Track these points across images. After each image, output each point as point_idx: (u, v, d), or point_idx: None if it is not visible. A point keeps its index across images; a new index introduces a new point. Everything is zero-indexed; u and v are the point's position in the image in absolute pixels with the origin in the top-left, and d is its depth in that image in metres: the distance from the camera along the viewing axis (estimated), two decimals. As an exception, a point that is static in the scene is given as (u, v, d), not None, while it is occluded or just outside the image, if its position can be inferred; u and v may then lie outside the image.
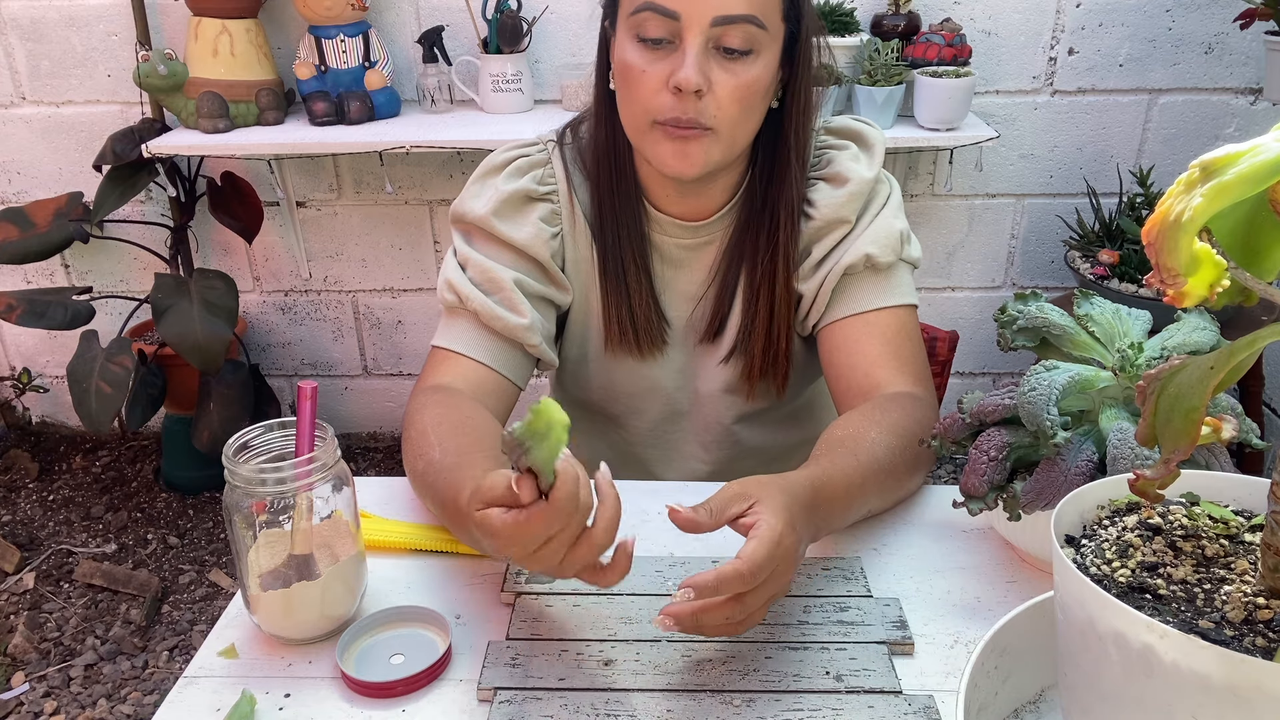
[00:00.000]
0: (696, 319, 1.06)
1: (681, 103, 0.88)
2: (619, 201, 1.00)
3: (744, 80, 0.89)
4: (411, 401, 0.93)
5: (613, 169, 1.00)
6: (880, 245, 0.97)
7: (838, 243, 0.99)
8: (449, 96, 2.09)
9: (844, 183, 0.98)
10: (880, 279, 0.98)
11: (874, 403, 0.91)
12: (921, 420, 0.89)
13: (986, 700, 0.62)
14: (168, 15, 2.10)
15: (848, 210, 0.98)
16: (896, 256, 0.98)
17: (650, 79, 0.88)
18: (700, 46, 0.87)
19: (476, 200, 0.99)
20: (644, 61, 0.89)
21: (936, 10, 2.05)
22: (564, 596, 0.79)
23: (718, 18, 0.85)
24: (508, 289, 0.96)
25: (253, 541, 0.73)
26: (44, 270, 2.39)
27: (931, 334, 1.26)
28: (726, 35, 0.87)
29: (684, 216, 1.02)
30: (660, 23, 0.87)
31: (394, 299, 2.39)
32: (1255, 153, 0.38)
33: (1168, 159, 2.17)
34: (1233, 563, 0.52)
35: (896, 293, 0.98)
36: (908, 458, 0.86)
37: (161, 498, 2.34)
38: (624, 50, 0.90)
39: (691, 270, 1.04)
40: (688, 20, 0.86)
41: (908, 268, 1.01)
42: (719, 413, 1.10)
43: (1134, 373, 0.75)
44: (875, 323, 0.97)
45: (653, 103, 0.89)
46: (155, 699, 1.77)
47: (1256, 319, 1.72)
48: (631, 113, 0.92)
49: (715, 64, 0.88)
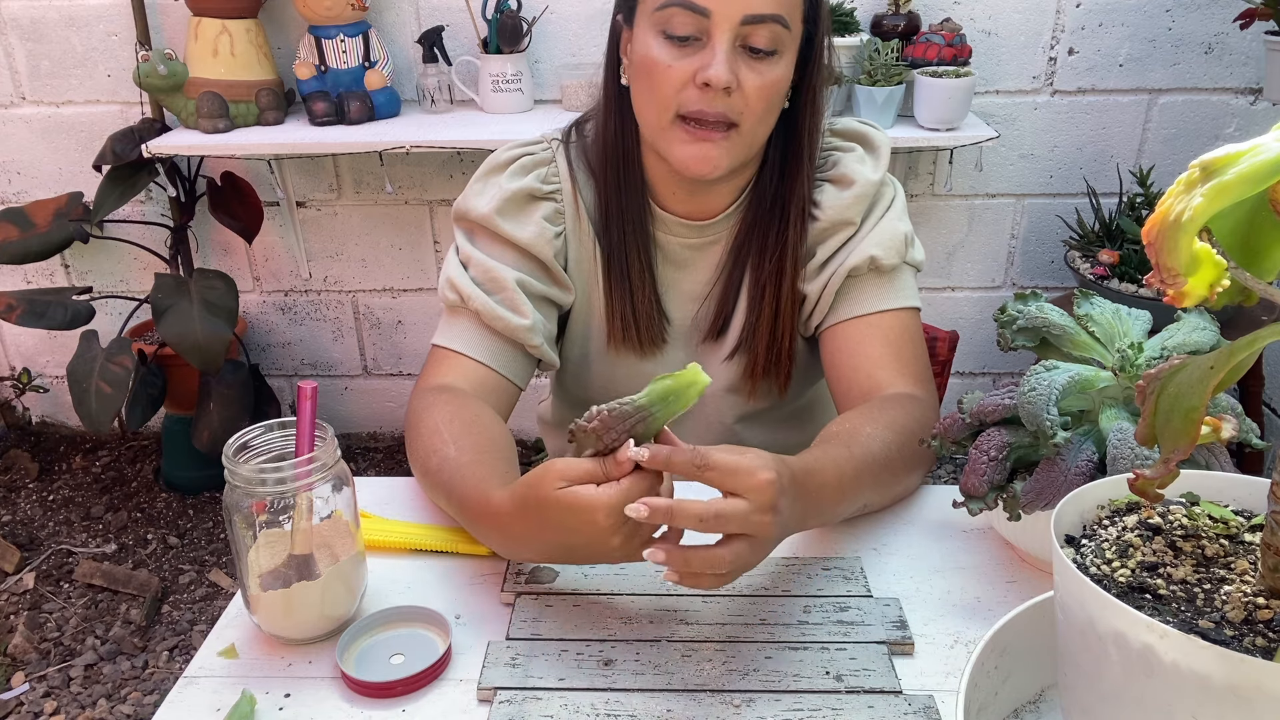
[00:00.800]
0: (700, 318, 1.06)
1: (709, 98, 0.88)
2: (625, 198, 1.00)
3: (769, 80, 0.89)
4: (416, 400, 0.93)
5: (620, 165, 1.00)
6: (885, 248, 0.97)
7: (842, 244, 0.99)
8: (449, 96, 2.09)
9: (849, 185, 0.98)
10: (884, 281, 0.98)
11: (873, 402, 0.92)
12: (921, 419, 0.89)
13: (986, 700, 0.62)
14: (168, 15, 2.10)
15: (853, 212, 0.98)
16: (901, 259, 0.98)
17: (676, 74, 0.88)
18: (729, 44, 0.87)
19: (480, 198, 0.99)
20: (670, 57, 0.89)
21: (936, 10, 2.05)
22: (564, 596, 0.79)
23: (748, 16, 0.86)
24: (510, 289, 0.96)
25: (253, 541, 0.73)
26: (44, 270, 2.39)
27: (931, 334, 1.26)
28: (754, 34, 0.87)
29: (690, 216, 1.02)
30: (689, 19, 0.87)
31: (394, 299, 2.39)
32: (1255, 152, 0.38)
33: (1168, 159, 2.17)
34: (1233, 563, 0.52)
35: (900, 295, 0.98)
36: (905, 455, 0.86)
37: (161, 498, 2.34)
38: (647, 46, 0.90)
39: (696, 270, 1.05)
40: (718, 17, 0.86)
41: (911, 270, 1.01)
42: (720, 412, 1.10)
43: (1134, 373, 0.75)
44: (878, 325, 0.97)
45: (678, 98, 0.89)
46: (155, 699, 1.77)
47: (1256, 319, 1.72)
48: (653, 108, 0.92)
49: (742, 63, 0.88)
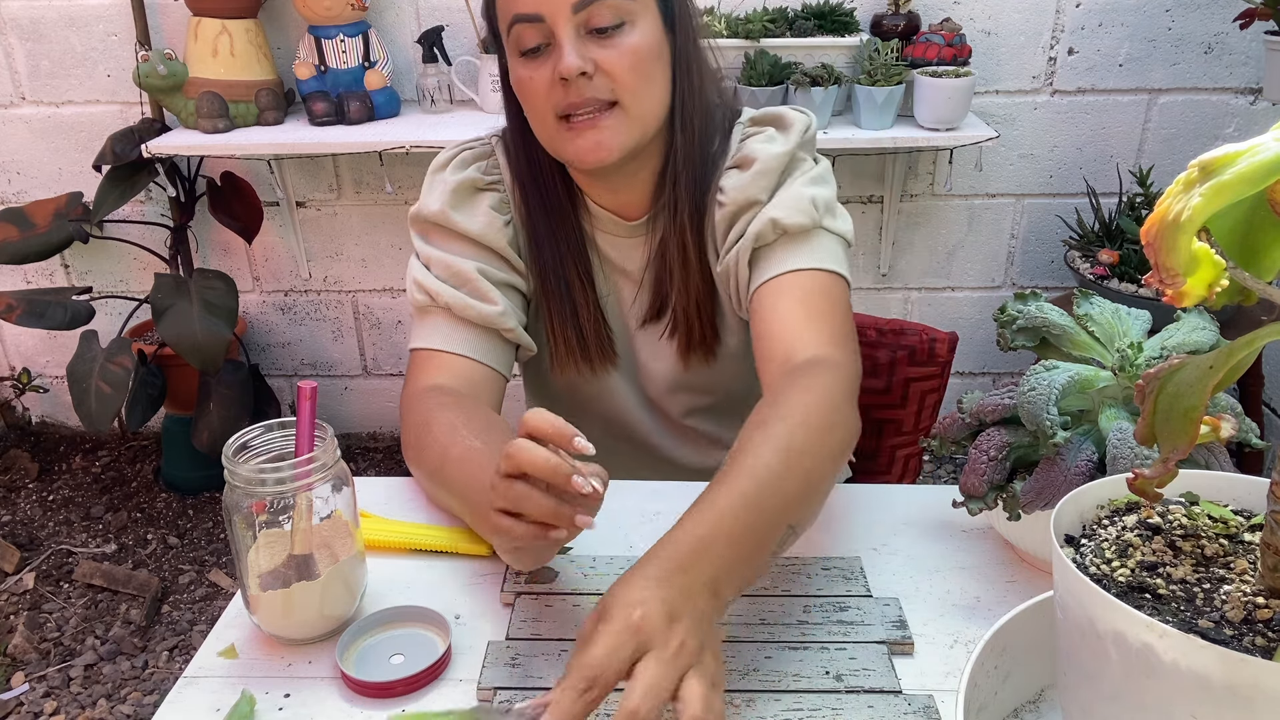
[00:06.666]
0: (640, 300, 1.05)
1: (573, 90, 0.89)
2: (554, 222, 1.01)
3: (625, 49, 0.89)
4: (411, 403, 0.93)
5: (540, 191, 1.01)
6: (787, 209, 0.93)
7: (751, 220, 0.96)
8: (449, 96, 2.09)
9: (750, 164, 0.96)
10: (796, 244, 0.93)
11: (771, 392, 0.82)
12: (830, 387, 0.81)
13: (986, 700, 0.62)
14: (167, 15, 2.10)
15: (756, 189, 0.95)
16: (811, 222, 0.93)
17: (540, 83, 0.90)
18: (573, 36, 0.88)
19: (429, 197, 1.00)
20: (530, 70, 0.91)
21: (936, 10, 2.05)
22: (564, 597, 0.79)
23: (576, 2, 0.87)
24: (474, 279, 0.97)
25: (253, 541, 0.73)
26: (44, 270, 2.39)
27: (931, 334, 1.26)
28: (594, 16, 0.88)
29: (619, 211, 1.02)
30: (531, 30, 0.89)
31: (394, 299, 2.39)
32: (1254, 152, 0.38)
33: (1167, 159, 2.17)
34: (1232, 562, 0.52)
35: (813, 257, 0.93)
36: (812, 450, 0.74)
37: (161, 498, 2.34)
38: (514, 68, 0.93)
39: (633, 256, 1.04)
40: (551, 16, 0.87)
41: (834, 239, 0.95)
42: (669, 409, 1.11)
43: (1133, 372, 0.75)
44: (790, 284, 0.92)
45: (550, 102, 0.90)
46: (155, 699, 1.77)
47: (1256, 319, 1.72)
48: (537, 120, 0.94)
49: (593, 45, 0.89)
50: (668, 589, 0.61)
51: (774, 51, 1.94)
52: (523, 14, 0.88)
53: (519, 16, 0.88)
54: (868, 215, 2.24)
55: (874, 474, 1.32)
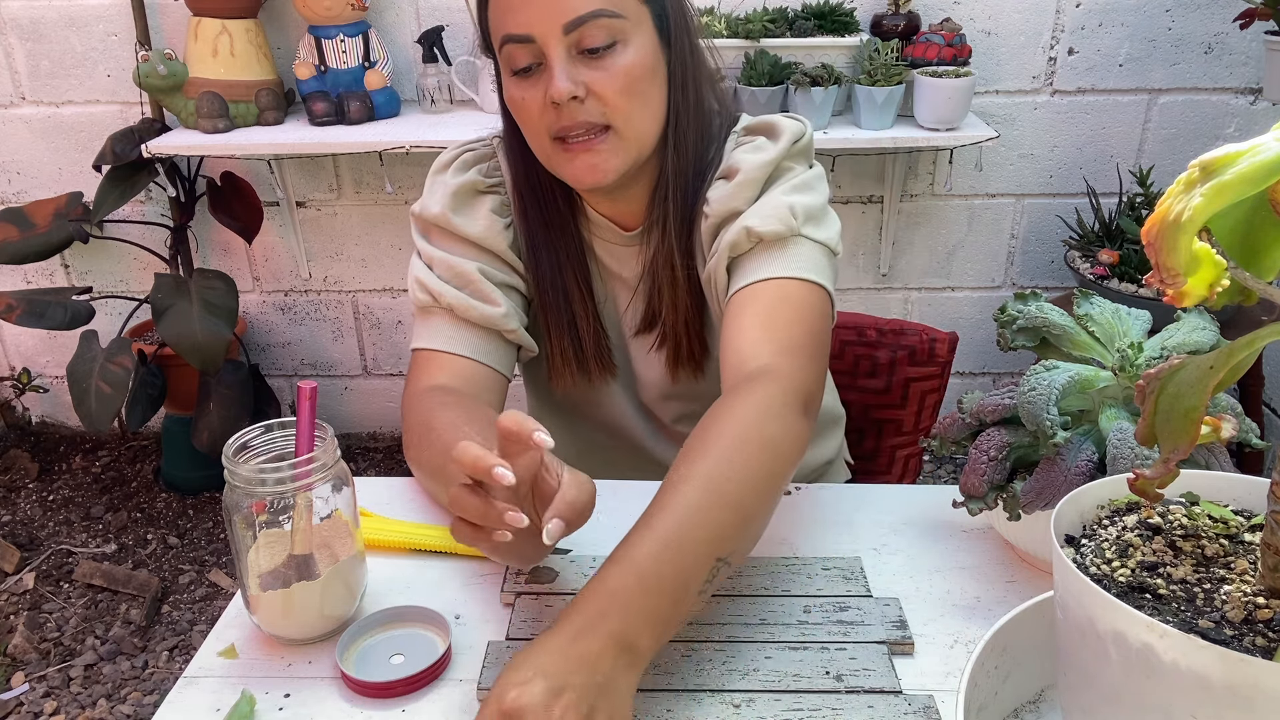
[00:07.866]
0: (634, 309, 1.05)
1: (565, 113, 0.88)
2: (554, 233, 1.01)
3: (616, 71, 0.88)
4: (413, 403, 0.93)
5: (539, 202, 1.00)
6: (763, 217, 0.91)
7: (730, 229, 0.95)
8: (449, 96, 2.09)
9: (734, 175, 0.95)
10: (772, 252, 0.91)
11: (710, 415, 0.79)
12: (769, 402, 0.78)
13: (986, 700, 0.62)
14: (168, 15, 2.10)
15: (738, 200, 0.93)
16: (788, 229, 0.90)
17: (533, 103, 0.89)
18: (564, 57, 0.86)
19: (430, 198, 1.00)
20: (523, 90, 0.90)
21: (936, 10, 2.05)
22: (564, 597, 0.79)
23: (567, 23, 0.85)
24: (476, 280, 0.97)
25: (253, 541, 0.73)
26: (44, 270, 2.39)
27: (931, 334, 1.26)
28: (585, 37, 0.86)
29: (616, 219, 1.01)
30: (522, 50, 0.88)
31: (394, 299, 2.39)
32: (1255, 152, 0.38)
33: (1167, 159, 2.17)
34: (1232, 562, 0.52)
35: (786, 265, 0.90)
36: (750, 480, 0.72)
37: (161, 498, 2.34)
38: (508, 87, 0.92)
39: (629, 265, 1.04)
40: (542, 37, 0.86)
41: (815, 247, 0.92)
42: (659, 412, 1.11)
43: (1134, 372, 0.75)
44: (758, 293, 0.89)
45: (544, 123, 0.90)
46: (155, 699, 1.77)
47: (1256, 319, 1.72)
48: (533, 139, 0.93)
49: (585, 67, 0.87)
50: (558, 661, 0.61)
51: (774, 51, 1.94)
52: (513, 35, 0.87)
53: (509, 37, 0.87)
54: (868, 215, 2.25)
55: (874, 474, 1.32)
